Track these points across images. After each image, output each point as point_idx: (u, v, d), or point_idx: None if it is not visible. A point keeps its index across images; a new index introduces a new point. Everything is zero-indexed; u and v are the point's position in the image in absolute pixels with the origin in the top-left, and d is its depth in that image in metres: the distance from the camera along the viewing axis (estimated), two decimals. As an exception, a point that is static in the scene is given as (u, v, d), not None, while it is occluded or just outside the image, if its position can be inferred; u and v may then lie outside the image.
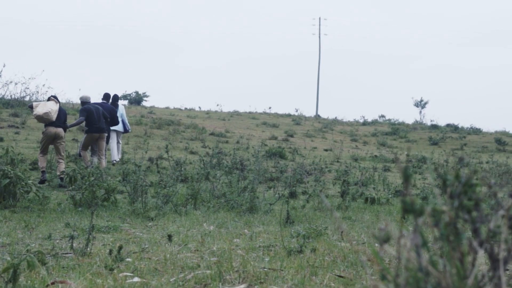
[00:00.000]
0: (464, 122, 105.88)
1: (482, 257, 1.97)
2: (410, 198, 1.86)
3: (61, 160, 18.14)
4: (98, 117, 19.58)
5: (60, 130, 18.20)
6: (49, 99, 18.59)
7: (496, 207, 1.99)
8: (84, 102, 20.15)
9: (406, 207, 1.88)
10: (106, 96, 21.89)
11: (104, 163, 19.69)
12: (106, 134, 20.06)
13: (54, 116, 17.91)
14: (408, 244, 1.91)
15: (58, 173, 17.78)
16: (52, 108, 17.99)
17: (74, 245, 7.51)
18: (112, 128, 21.69)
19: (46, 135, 18.10)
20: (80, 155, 20.18)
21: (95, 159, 19.86)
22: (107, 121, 20.28)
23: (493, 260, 1.98)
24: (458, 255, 1.92)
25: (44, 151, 18.21)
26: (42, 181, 17.21)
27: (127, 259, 6.87)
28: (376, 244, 1.85)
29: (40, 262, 5.86)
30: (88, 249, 7.38)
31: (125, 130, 23.50)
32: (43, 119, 17.90)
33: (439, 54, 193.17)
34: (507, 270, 2.02)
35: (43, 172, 17.64)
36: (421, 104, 68.08)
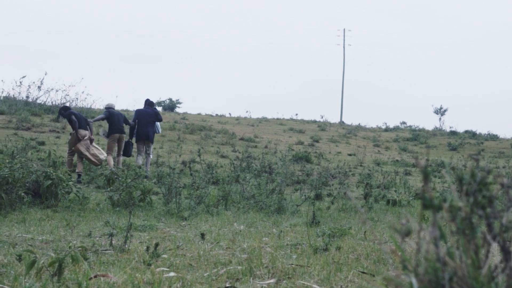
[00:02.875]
0: (482, 128, 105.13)
1: (495, 249, 2.03)
2: (429, 194, 1.93)
3: (81, 161, 18.74)
4: (118, 120, 20.75)
5: (87, 133, 18.92)
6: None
7: (508, 204, 2.05)
8: (108, 107, 20.97)
9: (426, 203, 1.95)
10: (150, 102, 22.37)
11: (121, 160, 21.24)
12: (124, 135, 21.11)
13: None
14: (427, 237, 1.98)
15: (77, 171, 18.31)
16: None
17: (113, 242, 7.60)
18: None
19: (76, 137, 18.71)
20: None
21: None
22: (128, 125, 21.67)
23: (505, 252, 2.04)
24: (473, 247, 1.98)
25: (73, 153, 18.80)
26: (78, 182, 17.66)
27: (163, 256, 6.94)
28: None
29: (82, 257, 5.95)
30: (126, 246, 7.46)
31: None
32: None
33: (458, 61, 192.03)
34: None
35: (79, 175, 18.17)
36: (440, 112, 67.66)
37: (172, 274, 5.86)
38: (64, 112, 19.85)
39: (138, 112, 21.71)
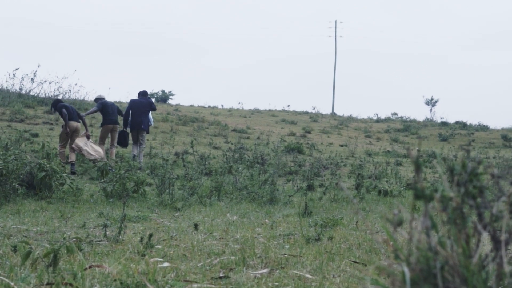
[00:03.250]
0: (472, 119, 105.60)
1: (485, 238, 2.05)
2: (421, 185, 1.95)
3: (73, 151, 18.81)
4: (112, 111, 20.88)
5: (79, 125, 19.07)
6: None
7: (498, 194, 2.07)
8: (98, 98, 21.18)
9: (417, 193, 1.97)
10: (144, 92, 22.34)
11: (114, 152, 21.33)
12: (118, 126, 21.15)
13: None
14: (419, 227, 2.00)
15: (69, 160, 18.47)
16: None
17: (108, 233, 7.62)
18: None
19: (70, 128, 18.95)
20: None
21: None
22: (121, 115, 21.72)
23: (496, 241, 2.06)
24: (464, 237, 2.00)
25: (65, 145, 18.95)
26: (73, 173, 17.76)
27: (157, 246, 6.96)
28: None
29: (77, 248, 5.96)
30: (121, 237, 7.48)
31: None
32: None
33: (449, 54, 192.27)
34: (508, 250, 2.10)
35: (72, 164, 18.33)
36: (431, 103, 67.77)
37: (166, 264, 5.88)
38: (56, 105, 19.92)
39: (132, 102, 21.78)
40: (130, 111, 21.35)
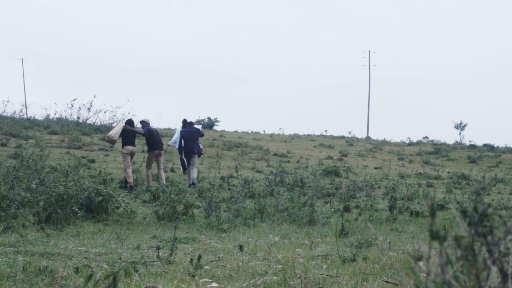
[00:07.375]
0: (499, 142, 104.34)
1: (494, 272, 2.18)
2: (436, 227, 2.09)
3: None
4: (157, 138, 21.34)
5: (135, 149, 20.24)
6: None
7: (506, 233, 2.20)
8: (144, 121, 22.02)
9: (433, 235, 2.11)
10: (190, 123, 22.96)
11: (163, 175, 21.57)
12: (163, 152, 21.78)
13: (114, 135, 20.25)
14: (436, 262, 2.14)
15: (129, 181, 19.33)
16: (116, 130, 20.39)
17: (160, 254, 7.79)
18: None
19: (127, 151, 19.96)
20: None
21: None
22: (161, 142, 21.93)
23: (503, 274, 2.18)
24: (475, 271, 2.13)
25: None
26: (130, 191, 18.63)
27: (206, 267, 7.11)
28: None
29: (133, 270, 6.12)
30: (172, 257, 7.65)
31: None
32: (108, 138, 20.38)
33: (478, 77, 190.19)
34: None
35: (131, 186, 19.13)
36: (460, 127, 67.25)
37: (214, 284, 6.03)
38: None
39: (183, 132, 22.42)
40: (183, 140, 22.03)
